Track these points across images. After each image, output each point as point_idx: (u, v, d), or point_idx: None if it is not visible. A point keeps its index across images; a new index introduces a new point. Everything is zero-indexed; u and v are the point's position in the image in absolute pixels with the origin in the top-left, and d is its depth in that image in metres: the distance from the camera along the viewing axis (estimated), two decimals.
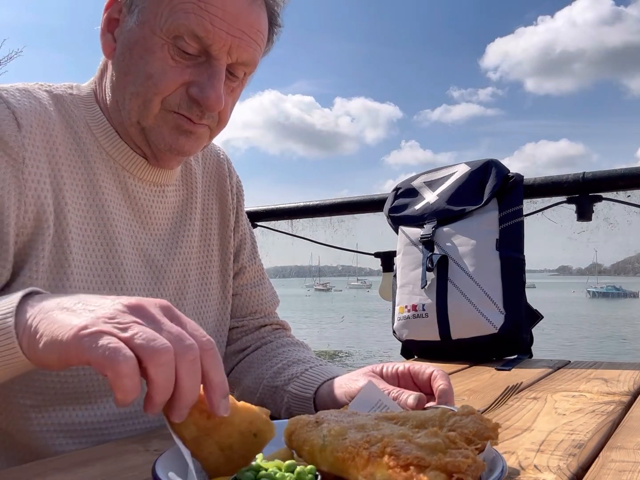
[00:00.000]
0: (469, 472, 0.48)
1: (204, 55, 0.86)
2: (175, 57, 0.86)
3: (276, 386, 0.97)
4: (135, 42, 0.87)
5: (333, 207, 2.39)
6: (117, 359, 0.50)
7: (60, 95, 0.92)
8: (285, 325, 1.19)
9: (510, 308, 1.52)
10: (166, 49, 0.85)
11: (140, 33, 0.86)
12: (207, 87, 0.86)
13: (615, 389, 1.08)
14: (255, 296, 1.15)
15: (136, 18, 0.87)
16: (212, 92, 0.86)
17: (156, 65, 0.86)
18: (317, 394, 0.90)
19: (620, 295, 77.13)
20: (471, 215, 1.61)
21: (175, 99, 0.87)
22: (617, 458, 0.69)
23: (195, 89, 0.86)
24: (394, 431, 0.53)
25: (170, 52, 0.85)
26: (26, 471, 0.71)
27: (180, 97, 0.87)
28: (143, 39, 0.86)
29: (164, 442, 0.82)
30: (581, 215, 1.85)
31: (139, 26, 0.86)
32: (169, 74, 0.86)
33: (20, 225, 0.82)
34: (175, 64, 0.86)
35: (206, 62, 0.87)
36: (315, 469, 0.54)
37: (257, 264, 1.18)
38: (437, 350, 1.60)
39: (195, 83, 0.87)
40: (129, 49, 0.87)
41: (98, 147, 0.92)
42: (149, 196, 0.98)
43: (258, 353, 1.09)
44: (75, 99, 0.94)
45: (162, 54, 0.85)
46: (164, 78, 0.86)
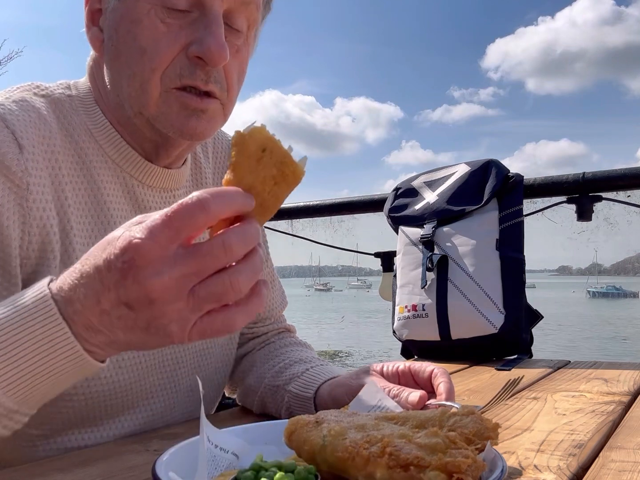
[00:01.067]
0: (469, 472, 0.48)
1: (195, 8, 0.79)
2: (165, 20, 0.78)
3: (277, 385, 0.97)
4: (120, 17, 0.80)
5: (333, 207, 2.39)
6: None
7: (58, 100, 0.86)
8: (290, 328, 1.18)
9: (510, 308, 1.52)
10: (153, 14, 0.78)
11: (123, 7, 0.79)
12: (206, 37, 0.78)
13: (615, 389, 1.08)
14: (266, 303, 1.12)
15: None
16: (212, 40, 0.77)
17: (146, 36, 0.78)
18: (318, 394, 0.90)
19: (620, 296, 77.13)
20: (471, 215, 1.61)
21: (175, 69, 0.79)
22: (617, 458, 0.68)
23: (194, 46, 0.78)
24: (394, 431, 0.53)
25: (160, 16, 0.78)
26: (26, 471, 0.71)
27: (181, 65, 0.79)
28: (127, 12, 0.79)
29: (164, 442, 0.82)
30: (581, 215, 1.85)
31: (121, 0, 0.80)
32: (162, 42, 0.78)
33: (24, 256, 0.77)
34: (167, 29, 0.78)
35: (200, 16, 0.79)
36: (315, 469, 0.54)
37: (269, 266, 1.16)
38: (437, 350, 1.60)
39: (193, 42, 0.78)
40: (116, 29, 0.81)
41: (102, 155, 0.87)
42: (159, 204, 0.93)
43: (261, 352, 1.09)
44: (74, 101, 0.88)
45: (149, 21, 0.78)
46: (158, 48, 0.78)
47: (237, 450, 0.61)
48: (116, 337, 0.56)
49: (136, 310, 0.54)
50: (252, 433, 0.67)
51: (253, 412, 1.03)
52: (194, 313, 0.54)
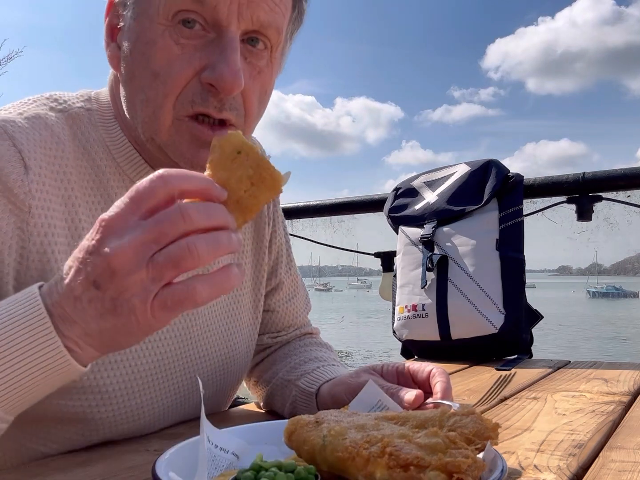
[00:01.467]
0: (469, 472, 0.48)
1: (211, 29, 0.75)
2: (180, 41, 0.74)
3: (289, 380, 0.97)
4: (136, 39, 0.77)
5: (333, 207, 2.39)
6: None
7: (76, 115, 0.83)
8: (314, 331, 1.17)
9: (510, 308, 1.52)
10: (167, 35, 0.75)
11: (139, 27, 0.76)
12: (219, 63, 0.73)
13: (615, 389, 1.08)
14: (291, 311, 1.11)
15: (131, 13, 0.77)
16: (226, 67, 0.73)
17: (160, 58, 0.75)
18: (319, 391, 0.91)
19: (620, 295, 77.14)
20: (471, 215, 1.61)
21: (188, 95, 0.76)
22: (617, 458, 0.69)
23: (207, 72, 0.74)
24: (394, 431, 0.53)
25: (174, 37, 0.74)
26: (26, 471, 0.71)
27: (194, 91, 0.75)
28: (143, 33, 0.76)
29: (164, 442, 0.82)
30: (581, 215, 1.85)
31: (137, 20, 0.77)
32: (175, 65, 0.75)
33: (22, 282, 0.74)
34: (181, 51, 0.75)
35: (217, 38, 0.75)
36: (315, 469, 0.54)
37: (292, 274, 1.13)
38: (437, 350, 1.60)
39: (207, 66, 0.75)
40: (130, 50, 0.78)
41: (120, 175, 0.84)
42: None
43: (280, 351, 1.09)
44: (93, 116, 0.85)
45: (164, 42, 0.75)
46: (172, 71, 0.75)
47: (237, 450, 0.61)
48: (88, 326, 0.57)
49: (102, 288, 0.55)
50: (252, 433, 0.67)
51: (256, 410, 1.04)
52: (155, 283, 0.54)
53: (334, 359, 1.04)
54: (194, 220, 0.53)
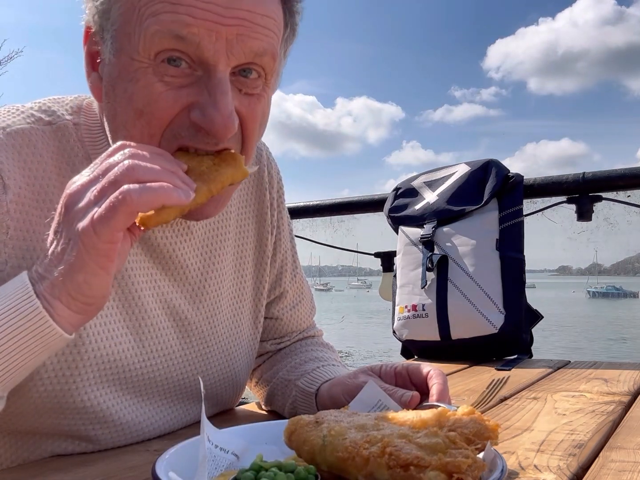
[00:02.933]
0: (469, 472, 0.48)
1: (199, 67, 0.69)
2: (164, 79, 0.69)
3: (289, 379, 0.98)
4: (117, 76, 0.71)
5: (333, 207, 2.39)
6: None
7: (65, 128, 0.80)
8: (317, 333, 1.15)
9: (510, 308, 1.52)
10: (150, 72, 0.69)
11: (119, 64, 0.71)
12: (209, 107, 0.68)
13: (615, 389, 1.08)
14: (295, 318, 1.09)
15: (110, 47, 0.72)
16: (216, 113, 0.68)
17: (142, 96, 0.69)
18: (319, 391, 0.91)
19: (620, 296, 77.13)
20: (471, 215, 1.61)
21: (174, 130, 0.71)
22: (617, 458, 0.69)
23: (196, 112, 0.69)
24: (394, 431, 0.53)
25: (158, 75, 0.69)
26: (26, 471, 0.71)
27: (180, 126, 0.70)
28: (124, 70, 0.70)
29: (164, 442, 0.82)
30: (581, 215, 1.85)
31: (116, 55, 0.71)
32: (160, 103, 0.69)
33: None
34: (166, 89, 0.69)
35: (205, 75, 0.69)
36: (315, 469, 0.54)
37: (298, 280, 1.10)
38: (437, 350, 1.60)
39: (195, 105, 0.69)
40: (112, 87, 0.72)
41: None
42: (171, 238, 0.86)
43: (281, 351, 1.09)
44: (80, 130, 0.81)
45: (146, 80, 0.69)
46: (156, 110, 0.69)
47: (237, 450, 0.61)
48: (54, 277, 0.61)
49: (59, 231, 0.62)
50: (252, 433, 0.67)
51: (256, 410, 1.04)
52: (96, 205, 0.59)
53: (334, 359, 1.04)
54: (136, 171, 0.59)
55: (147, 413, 0.86)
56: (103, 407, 0.80)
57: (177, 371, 0.89)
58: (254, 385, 1.10)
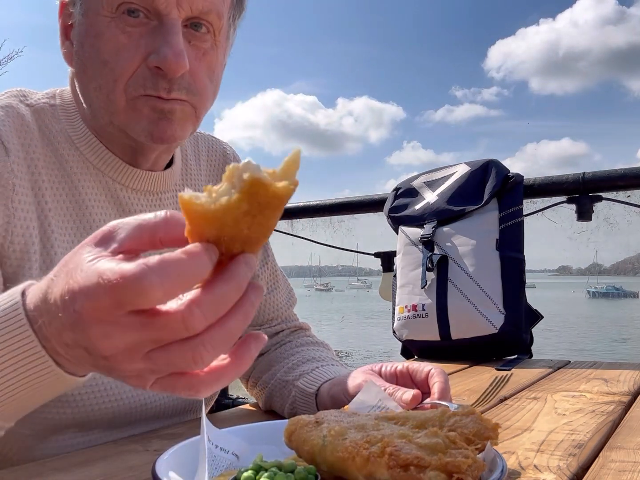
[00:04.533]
0: (469, 472, 0.48)
1: (154, 17, 0.80)
2: (126, 29, 0.80)
3: (287, 380, 0.98)
4: (85, 33, 0.82)
5: (333, 207, 2.39)
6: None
7: (41, 109, 0.88)
8: (303, 325, 1.17)
9: (510, 308, 1.52)
10: (114, 25, 0.80)
11: (87, 22, 0.82)
12: (163, 46, 0.79)
13: (615, 389, 1.08)
14: (270, 303, 1.11)
15: (80, 9, 0.83)
16: (169, 49, 0.78)
17: (108, 48, 0.80)
18: (319, 391, 0.91)
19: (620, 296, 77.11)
20: (471, 215, 1.61)
21: (139, 80, 0.81)
22: (617, 458, 0.69)
23: (152, 56, 0.80)
24: (394, 431, 0.53)
25: (120, 26, 0.80)
26: (26, 471, 0.71)
27: (143, 76, 0.81)
28: (90, 26, 0.81)
29: (164, 442, 0.82)
30: (581, 215, 1.85)
31: (84, 15, 0.82)
32: (122, 53, 0.80)
33: (4, 255, 0.79)
34: (127, 40, 0.80)
35: (159, 24, 0.80)
36: (315, 469, 0.54)
37: (270, 267, 1.14)
38: (437, 350, 1.60)
39: (152, 52, 0.80)
40: (81, 44, 0.83)
41: (84, 162, 0.89)
42: (144, 207, 0.93)
43: (277, 352, 1.09)
44: (56, 110, 0.90)
45: (110, 33, 0.80)
46: (119, 59, 0.80)
47: (237, 450, 0.61)
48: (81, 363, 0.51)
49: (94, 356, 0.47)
50: (252, 433, 0.67)
51: (256, 410, 1.04)
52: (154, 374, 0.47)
53: (332, 358, 1.04)
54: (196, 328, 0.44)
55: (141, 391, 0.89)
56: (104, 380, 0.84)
57: None
58: (251, 387, 1.10)
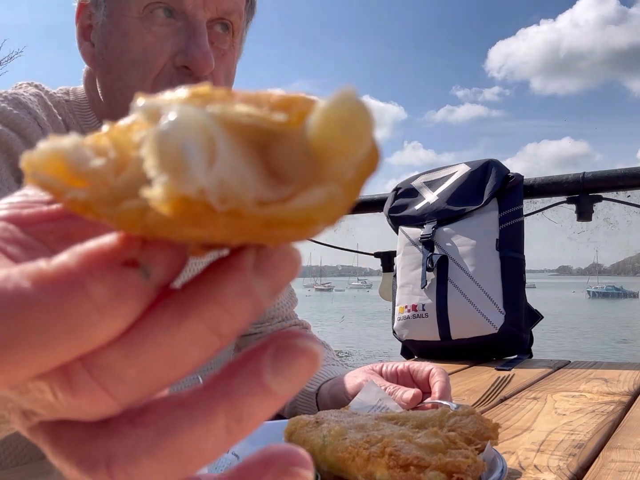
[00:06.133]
0: (469, 472, 0.48)
1: (180, 18, 0.82)
2: (152, 29, 0.81)
3: None
4: (110, 33, 0.83)
5: None
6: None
7: (58, 103, 0.91)
8: (304, 324, 1.17)
9: (510, 308, 1.52)
10: (140, 26, 0.81)
11: (112, 23, 0.83)
12: (191, 46, 0.81)
13: (615, 389, 1.08)
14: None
15: (104, 10, 0.84)
16: (197, 49, 0.81)
17: (135, 47, 0.82)
18: (320, 390, 0.91)
19: (620, 296, 77.08)
20: (471, 215, 1.61)
21: (165, 78, 0.82)
22: (617, 458, 0.68)
23: (180, 56, 0.82)
24: (394, 431, 0.53)
25: (146, 26, 0.81)
26: (26, 471, 0.71)
27: (170, 74, 0.83)
28: (116, 27, 0.83)
29: None
30: (581, 215, 1.85)
31: (109, 17, 0.83)
32: (150, 53, 0.82)
33: None
34: (154, 40, 0.81)
35: (185, 24, 0.82)
36: (315, 469, 0.54)
37: None
38: (437, 350, 1.60)
39: (179, 51, 0.82)
40: (105, 45, 0.84)
41: None
42: None
43: None
44: (71, 105, 0.92)
45: (137, 33, 0.82)
46: (147, 58, 0.82)
47: (237, 450, 0.61)
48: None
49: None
50: (252, 433, 0.67)
51: None
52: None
53: (333, 358, 1.04)
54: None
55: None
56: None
57: None
58: None
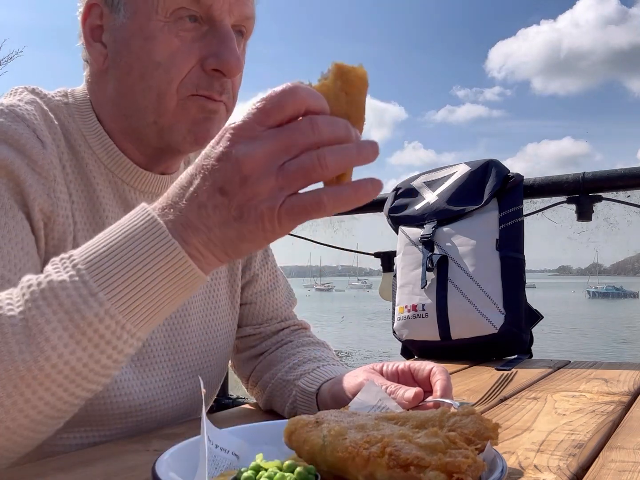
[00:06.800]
0: (469, 472, 0.48)
1: (206, 22, 0.83)
2: (179, 33, 0.82)
3: (288, 380, 0.98)
4: (131, 35, 0.83)
5: None
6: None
7: (56, 106, 0.89)
8: (304, 324, 1.17)
9: (510, 308, 1.52)
10: (167, 30, 0.81)
11: (134, 25, 0.82)
12: (223, 51, 0.82)
13: (615, 389, 1.08)
14: (270, 303, 1.12)
15: (124, 12, 0.83)
16: (230, 55, 0.82)
17: (161, 50, 0.81)
18: (320, 390, 0.91)
19: (620, 296, 77.11)
20: (471, 215, 1.61)
21: (192, 80, 0.83)
22: (617, 458, 0.68)
23: (211, 59, 0.82)
24: (394, 431, 0.53)
25: (173, 30, 0.81)
26: (26, 471, 0.71)
27: (198, 77, 0.83)
28: (139, 30, 0.82)
29: (164, 442, 0.82)
30: (581, 215, 1.85)
31: (131, 19, 0.83)
32: (177, 56, 0.82)
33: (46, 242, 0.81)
34: (181, 43, 0.82)
35: (211, 30, 0.83)
36: (315, 469, 0.54)
37: (270, 267, 1.14)
38: (437, 350, 1.60)
39: (208, 55, 0.83)
40: (126, 45, 0.84)
41: (96, 161, 0.89)
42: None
43: (278, 352, 1.09)
44: (70, 108, 0.91)
45: (164, 37, 0.81)
46: (174, 62, 0.82)
47: (237, 450, 0.61)
48: (212, 233, 0.57)
49: (230, 194, 0.55)
50: (252, 433, 0.67)
51: (256, 410, 1.04)
52: (283, 191, 0.55)
53: (333, 358, 1.04)
54: (322, 133, 0.55)
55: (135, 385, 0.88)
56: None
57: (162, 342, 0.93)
58: (251, 387, 1.10)
